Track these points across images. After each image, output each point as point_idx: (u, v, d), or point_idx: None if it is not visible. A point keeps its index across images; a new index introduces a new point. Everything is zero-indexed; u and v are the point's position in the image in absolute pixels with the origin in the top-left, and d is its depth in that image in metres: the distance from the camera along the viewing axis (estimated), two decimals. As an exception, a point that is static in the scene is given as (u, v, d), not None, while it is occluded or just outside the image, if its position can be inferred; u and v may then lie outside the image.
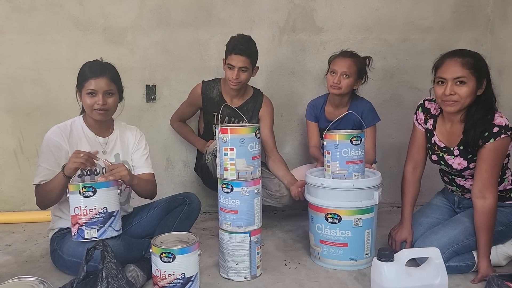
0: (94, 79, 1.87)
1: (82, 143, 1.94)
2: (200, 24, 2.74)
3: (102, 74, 1.89)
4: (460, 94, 1.80)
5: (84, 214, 1.75)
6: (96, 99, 1.88)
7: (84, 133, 1.97)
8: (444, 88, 1.82)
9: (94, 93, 1.88)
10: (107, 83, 1.89)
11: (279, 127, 2.81)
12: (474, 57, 1.82)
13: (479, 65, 1.81)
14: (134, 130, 2.10)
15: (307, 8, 2.78)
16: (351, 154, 1.97)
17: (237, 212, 1.85)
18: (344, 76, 2.34)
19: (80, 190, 1.74)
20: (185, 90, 2.65)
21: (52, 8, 2.67)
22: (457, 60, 1.81)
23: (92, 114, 1.91)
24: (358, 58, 2.41)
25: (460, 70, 1.79)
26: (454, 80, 1.80)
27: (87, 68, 1.92)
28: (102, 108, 1.89)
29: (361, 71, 2.41)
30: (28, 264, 2.07)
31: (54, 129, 1.93)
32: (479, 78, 1.80)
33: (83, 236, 1.76)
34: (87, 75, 1.89)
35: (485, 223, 1.83)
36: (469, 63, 1.79)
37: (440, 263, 1.61)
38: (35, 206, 2.75)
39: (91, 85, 1.87)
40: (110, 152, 2.00)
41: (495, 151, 1.81)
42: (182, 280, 1.68)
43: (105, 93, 1.89)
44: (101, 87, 1.88)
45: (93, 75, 1.88)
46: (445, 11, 2.83)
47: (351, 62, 2.36)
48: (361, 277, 1.91)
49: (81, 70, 1.93)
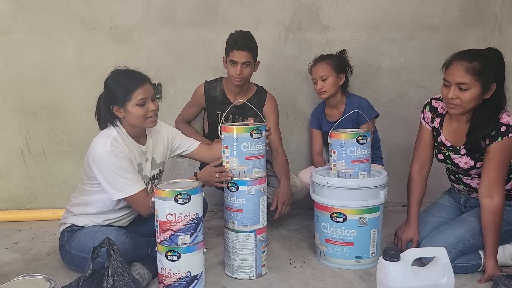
0: (141, 88, 1.86)
1: (134, 156, 1.92)
2: (205, 23, 2.74)
3: (145, 80, 1.90)
4: (462, 99, 1.78)
5: (178, 220, 1.68)
6: (148, 106, 1.87)
7: (132, 144, 1.93)
8: (448, 90, 1.81)
9: (144, 101, 1.86)
10: (150, 88, 1.91)
11: (285, 126, 2.81)
12: (483, 60, 1.76)
13: (487, 69, 1.75)
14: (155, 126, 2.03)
15: (313, 6, 2.77)
16: (357, 153, 1.96)
17: (243, 211, 1.85)
18: (324, 80, 2.45)
19: (176, 198, 1.66)
20: (190, 89, 2.65)
21: (58, 8, 2.68)
22: (463, 64, 1.76)
23: (145, 123, 1.90)
24: (330, 57, 2.52)
25: (463, 76, 1.75)
26: (457, 84, 1.78)
27: (125, 79, 1.88)
28: (155, 115, 1.90)
29: (338, 67, 2.49)
30: (35, 262, 2.09)
31: (109, 149, 1.83)
32: (485, 83, 1.76)
33: (177, 242, 1.68)
34: (129, 86, 1.85)
35: (492, 223, 1.82)
36: (474, 69, 1.75)
37: (446, 263, 1.60)
38: (41, 204, 2.82)
39: (140, 95, 1.85)
40: (149, 159, 2.00)
41: (502, 150, 1.79)
42: (187, 279, 1.69)
43: (151, 98, 1.90)
44: (149, 92, 1.88)
45: (138, 84, 1.86)
46: (453, 9, 2.80)
47: (323, 64, 2.48)
48: (366, 276, 1.90)
49: (121, 78, 1.88)
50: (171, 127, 2.15)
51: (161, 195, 1.67)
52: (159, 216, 1.69)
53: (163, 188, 1.68)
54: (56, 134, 2.78)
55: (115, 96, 1.86)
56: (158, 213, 1.69)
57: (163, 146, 2.06)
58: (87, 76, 2.74)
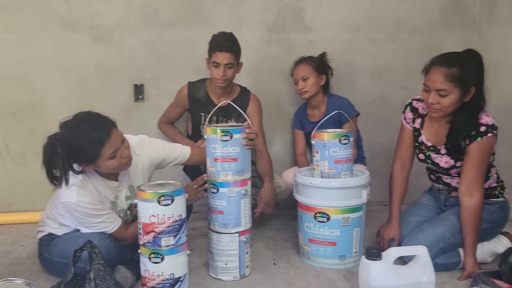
0: (109, 140, 1.68)
1: (105, 196, 1.83)
2: (188, 23, 2.73)
3: (111, 127, 1.72)
4: (442, 104, 1.81)
5: (161, 222, 1.65)
6: (121, 153, 1.72)
7: (103, 182, 1.82)
8: (428, 95, 1.84)
9: (115, 153, 1.70)
10: (118, 133, 1.75)
11: (269, 126, 2.81)
12: (462, 66, 1.77)
13: (465, 75, 1.77)
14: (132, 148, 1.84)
15: (296, 7, 2.78)
16: (339, 153, 1.98)
17: (223, 213, 1.84)
18: (305, 80, 2.49)
19: (159, 199, 1.64)
20: (173, 89, 2.63)
21: (38, 7, 2.63)
22: (442, 71, 1.78)
23: (120, 169, 1.78)
24: (310, 58, 2.56)
25: (442, 83, 1.78)
26: (436, 91, 1.80)
27: (90, 132, 1.68)
28: (128, 158, 1.77)
29: (319, 67, 2.53)
30: (15, 266, 2.05)
31: (75, 199, 1.72)
32: (464, 88, 1.78)
33: (160, 244, 1.67)
34: (96, 142, 1.67)
35: (471, 221, 1.85)
36: (453, 75, 1.76)
37: (427, 261, 1.62)
38: (21, 207, 2.77)
39: (110, 148, 1.68)
40: (124, 191, 1.89)
41: (482, 149, 1.83)
42: (171, 281, 1.68)
43: (121, 143, 1.74)
44: (118, 140, 1.73)
45: (106, 137, 1.68)
46: (433, 11, 2.85)
47: (304, 65, 2.52)
48: (349, 275, 1.92)
49: (84, 133, 1.67)
50: (154, 145, 1.97)
51: (144, 196, 1.66)
52: (141, 218, 1.68)
53: (146, 189, 1.67)
54: (36, 136, 2.73)
55: (81, 156, 1.68)
56: (141, 215, 1.68)
57: (142, 172, 1.93)
58: (68, 76, 2.70)
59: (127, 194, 1.91)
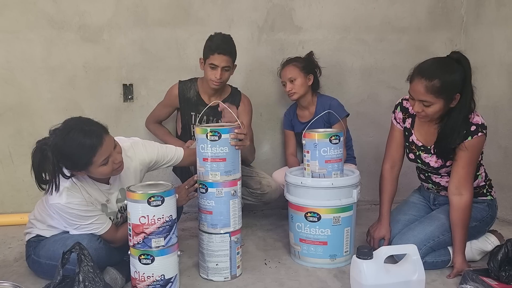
0: (101, 147, 1.65)
1: (96, 199, 1.80)
2: (178, 23, 2.72)
3: (103, 134, 1.69)
4: (427, 112, 1.83)
5: (151, 223, 1.64)
6: (113, 159, 1.70)
7: (94, 186, 1.80)
8: (414, 103, 1.85)
9: (108, 159, 1.68)
10: (110, 139, 1.72)
11: (259, 126, 2.81)
12: (443, 77, 1.75)
13: (448, 85, 1.76)
14: (124, 151, 1.82)
15: (286, 7, 2.79)
16: (330, 153, 1.98)
17: (212, 213, 1.84)
18: (292, 81, 2.50)
19: (149, 200, 1.61)
20: (163, 89, 2.62)
21: (25, 6, 2.59)
22: (423, 83, 1.77)
23: (112, 174, 1.77)
24: (297, 59, 2.57)
25: (424, 95, 1.78)
26: (420, 101, 1.82)
27: (82, 140, 1.64)
28: (120, 163, 1.74)
29: (306, 68, 2.53)
30: (2, 269, 2.01)
31: (64, 201, 1.69)
32: (447, 97, 1.79)
33: (150, 245, 1.65)
34: (88, 150, 1.63)
35: (460, 219, 1.87)
36: (434, 88, 1.75)
37: (417, 260, 1.64)
38: (8, 209, 2.73)
39: (102, 155, 1.66)
40: (115, 193, 1.86)
41: (472, 148, 1.84)
42: (161, 282, 1.67)
43: (113, 148, 1.72)
44: (110, 146, 1.70)
45: (98, 144, 1.65)
46: (421, 11, 2.88)
47: (290, 67, 2.53)
48: (340, 274, 1.92)
49: (76, 141, 1.63)
50: (147, 148, 1.94)
51: (134, 197, 1.64)
52: (131, 219, 1.66)
53: (135, 190, 1.66)
54: (23, 136, 2.69)
55: (73, 163, 1.66)
56: (131, 216, 1.66)
57: (134, 175, 1.90)
58: (55, 76, 2.67)
59: (118, 196, 1.88)
